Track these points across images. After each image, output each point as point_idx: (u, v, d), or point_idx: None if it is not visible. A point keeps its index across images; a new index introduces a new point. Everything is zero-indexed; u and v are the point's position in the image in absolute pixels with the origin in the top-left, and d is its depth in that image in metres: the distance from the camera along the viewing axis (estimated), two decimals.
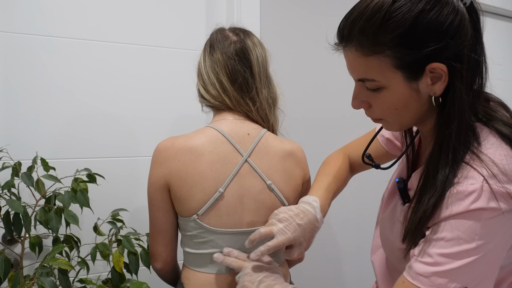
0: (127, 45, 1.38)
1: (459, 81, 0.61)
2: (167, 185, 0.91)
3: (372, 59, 0.63)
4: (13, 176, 1.04)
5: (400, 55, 0.61)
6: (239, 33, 0.98)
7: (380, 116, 0.71)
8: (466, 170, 0.62)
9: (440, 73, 0.62)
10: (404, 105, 0.66)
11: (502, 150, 0.63)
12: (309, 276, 1.67)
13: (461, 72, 0.61)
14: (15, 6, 1.23)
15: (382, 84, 0.65)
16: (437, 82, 0.63)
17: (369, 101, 0.70)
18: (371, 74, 0.65)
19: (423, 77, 0.63)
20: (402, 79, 0.63)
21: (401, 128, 0.74)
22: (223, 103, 0.96)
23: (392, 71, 0.63)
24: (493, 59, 0.81)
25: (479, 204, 0.59)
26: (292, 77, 1.61)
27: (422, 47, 0.60)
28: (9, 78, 1.23)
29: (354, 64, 0.67)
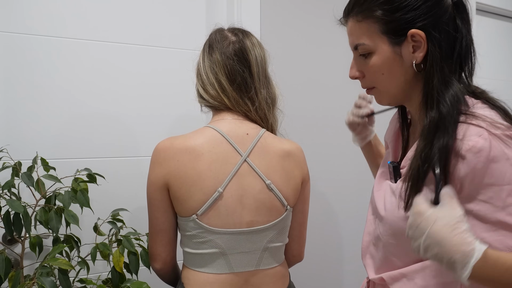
0: (127, 45, 1.38)
1: (435, 48, 0.72)
2: (166, 185, 0.91)
3: (363, 25, 0.76)
4: (13, 176, 1.04)
5: (385, 20, 0.73)
6: (238, 33, 0.98)
7: (371, 84, 0.81)
8: (463, 127, 0.68)
9: (420, 40, 0.72)
10: (389, 69, 0.76)
11: (492, 111, 0.70)
12: (309, 276, 1.68)
13: (439, 41, 0.72)
14: (14, 6, 1.23)
15: (371, 48, 0.76)
16: (417, 50, 0.73)
17: (363, 70, 0.80)
18: (362, 39, 0.76)
19: (405, 43, 0.73)
20: (387, 44, 0.74)
21: (390, 99, 0.81)
22: (222, 103, 0.96)
23: (379, 36, 0.75)
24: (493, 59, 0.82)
25: (495, 151, 0.64)
26: (292, 77, 1.61)
27: (403, 13, 0.72)
28: (9, 78, 1.23)
29: (351, 32, 0.79)
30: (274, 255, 0.97)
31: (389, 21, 0.73)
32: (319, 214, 1.67)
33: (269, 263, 0.95)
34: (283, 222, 0.97)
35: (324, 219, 1.70)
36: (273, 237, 0.95)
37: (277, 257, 0.98)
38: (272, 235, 0.95)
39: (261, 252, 0.94)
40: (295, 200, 0.99)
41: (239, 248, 0.92)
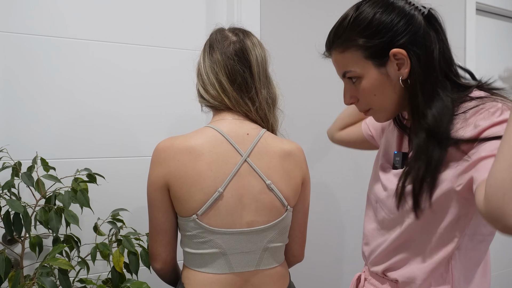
0: (127, 45, 1.38)
1: (417, 62, 0.77)
2: (166, 185, 0.91)
3: (347, 55, 0.81)
4: (13, 176, 1.04)
5: (366, 47, 0.78)
6: (239, 33, 0.98)
7: (366, 106, 0.85)
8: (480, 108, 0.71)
9: (402, 57, 0.77)
10: (380, 90, 0.81)
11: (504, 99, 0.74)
12: (309, 276, 1.68)
13: (418, 55, 0.77)
14: (14, 6, 1.23)
15: (359, 74, 0.81)
16: (401, 67, 0.78)
17: (355, 95, 0.85)
18: (349, 66, 0.82)
19: (389, 62, 0.78)
20: (373, 67, 0.79)
21: (387, 115, 0.85)
22: (222, 103, 0.96)
23: (364, 61, 0.80)
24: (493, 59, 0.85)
25: (505, 115, 0.69)
26: (292, 77, 1.61)
27: (381, 36, 0.77)
28: (9, 78, 1.23)
29: (337, 62, 0.85)
30: (274, 255, 0.97)
31: (370, 46, 0.78)
32: (319, 214, 1.67)
33: (269, 263, 0.95)
34: (283, 222, 0.97)
35: (324, 219, 1.70)
36: (273, 237, 0.95)
37: (277, 257, 0.98)
38: (272, 235, 0.95)
39: (261, 252, 0.94)
40: (295, 200, 0.99)
41: (239, 248, 0.92)
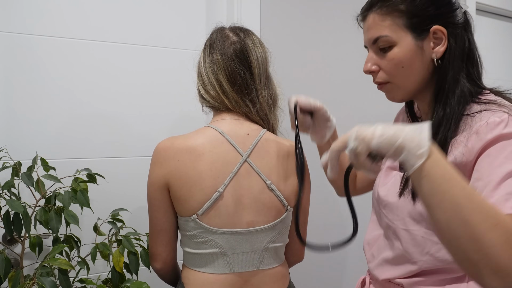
0: (127, 45, 1.38)
1: (454, 41, 0.77)
2: (166, 185, 0.91)
3: (388, 19, 0.78)
4: (13, 176, 1.04)
5: (410, 15, 0.76)
6: (239, 33, 0.97)
7: (386, 78, 0.81)
8: (487, 114, 0.70)
9: (441, 36, 0.76)
10: (409, 62, 0.78)
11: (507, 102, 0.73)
12: (309, 276, 1.68)
13: (456, 39, 0.77)
14: (14, 6, 1.23)
15: (394, 40, 0.77)
16: (437, 46, 0.77)
17: (379, 64, 0.81)
18: (385, 31, 0.78)
19: (427, 38, 0.77)
20: (411, 37, 0.77)
21: (404, 94, 0.82)
22: (222, 104, 0.95)
23: (403, 30, 0.77)
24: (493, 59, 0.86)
25: (510, 129, 0.66)
26: (292, 76, 1.61)
27: (428, 10, 0.76)
28: (9, 78, 1.23)
29: (372, 25, 0.80)
30: (275, 255, 0.97)
31: (415, 15, 0.76)
32: (319, 214, 1.67)
33: (269, 263, 0.95)
34: (284, 222, 0.97)
35: (325, 219, 1.70)
36: (273, 237, 0.95)
37: (277, 257, 0.98)
38: (273, 235, 0.95)
39: (262, 252, 0.94)
40: (295, 200, 0.99)
41: (240, 248, 0.92)
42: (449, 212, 0.57)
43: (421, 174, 0.59)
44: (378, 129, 0.61)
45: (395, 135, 0.59)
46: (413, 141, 0.59)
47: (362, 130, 0.62)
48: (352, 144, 0.63)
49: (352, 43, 1.65)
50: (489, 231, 0.55)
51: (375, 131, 0.61)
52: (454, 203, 0.57)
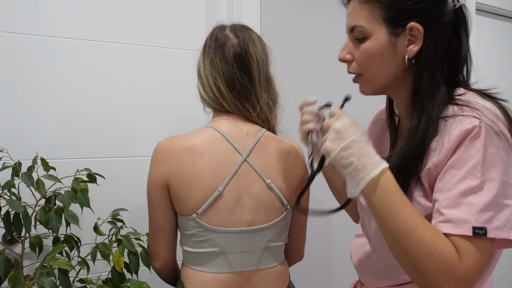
0: (127, 45, 1.38)
1: (431, 46, 0.72)
2: (166, 185, 0.91)
3: (366, 7, 0.74)
4: (13, 176, 1.04)
5: (389, 7, 0.72)
6: (239, 34, 0.96)
7: (358, 70, 0.79)
8: (457, 119, 0.68)
9: (417, 35, 0.72)
10: (381, 57, 0.75)
11: (486, 101, 0.71)
12: (309, 276, 1.68)
13: (435, 40, 0.72)
14: (13, 6, 1.23)
15: (368, 32, 0.74)
16: (412, 44, 0.73)
17: (353, 53, 0.78)
18: (361, 21, 0.75)
19: (402, 35, 0.73)
20: (385, 31, 0.73)
21: (375, 89, 0.80)
22: (221, 107, 0.95)
23: (378, 22, 0.74)
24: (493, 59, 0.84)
25: (476, 140, 0.65)
26: (292, 75, 1.61)
27: (408, 4, 0.71)
28: (9, 78, 1.23)
29: (352, 12, 0.77)
30: (274, 254, 0.97)
31: (393, 8, 0.72)
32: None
33: (269, 262, 0.95)
34: (283, 222, 0.97)
35: (324, 219, 1.70)
36: (273, 236, 0.95)
37: (277, 256, 0.98)
38: (272, 234, 0.95)
39: (261, 252, 0.94)
40: (295, 199, 0.99)
41: (239, 247, 0.92)
42: (391, 239, 0.67)
43: (367, 203, 0.69)
44: (336, 149, 0.70)
45: (349, 162, 0.69)
46: (355, 175, 0.69)
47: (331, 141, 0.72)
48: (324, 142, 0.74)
49: None
50: (424, 261, 0.64)
51: (337, 148, 0.70)
52: (394, 234, 0.66)
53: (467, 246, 0.63)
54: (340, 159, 0.70)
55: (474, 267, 0.63)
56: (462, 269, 0.62)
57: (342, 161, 0.70)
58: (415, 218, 0.65)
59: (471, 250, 0.63)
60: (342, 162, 0.70)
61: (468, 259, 0.63)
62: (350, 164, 0.69)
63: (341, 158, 0.70)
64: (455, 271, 0.62)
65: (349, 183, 0.71)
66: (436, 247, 0.63)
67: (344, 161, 0.69)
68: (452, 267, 0.62)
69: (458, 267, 0.62)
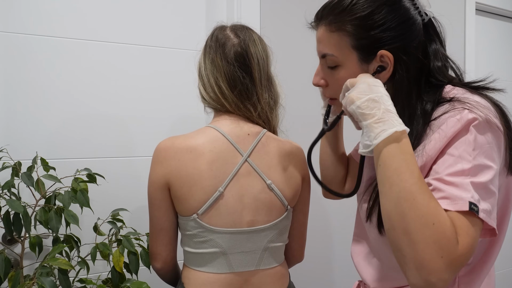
0: (127, 45, 1.38)
1: (403, 72, 0.72)
2: (167, 185, 0.91)
3: (335, 36, 0.74)
4: (13, 176, 1.04)
5: (358, 36, 0.72)
6: (240, 34, 0.96)
7: (333, 95, 0.80)
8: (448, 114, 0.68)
9: (387, 61, 0.72)
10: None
11: (475, 96, 0.71)
12: (309, 276, 1.68)
13: (407, 65, 0.72)
14: (14, 6, 1.23)
15: (340, 61, 0.75)
16: (382, 71, 0.73)
17: (327, 79, 0.79)
18: (332, 49, 0.75)
19: (373, 62, 0.73)
20: (356, 60, 0.74)
21: None
22: (223, 107, 0.95)
23: (349, 50, 0.74)
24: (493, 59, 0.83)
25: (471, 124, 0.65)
26: (292, 76, 1.61)
27: (377, 32, 0.72)
28: (9, 78, 1.23)
29: (321, 39, 0.77)
30: (275, 255, 0.97)
31: (362, 37, 0.72)
32: (319, 214, 1.67)
33: (269, 263, 0.95)
34: (284, 222, 0.97)
35: (325, 219, 1.70)
36: (273, 237, 0.95)
37: (277, 257, 0.98)
38: (273, 235, 0.95)
39: (262, 252, 0.94)
40: (295, 200, 0.99)
41: (240, 248, 0.92)
42: (393, 202, 0.62)
43: (377, 162, 0.65)
44: (362, 98, 0.67)
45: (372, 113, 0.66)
46: (376, 127, 0.65)
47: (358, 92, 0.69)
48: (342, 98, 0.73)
49: None
50: (424, 229, 0.59)
51: (358, 98, 0.68)
52: (399, 196, 0.61)
53: (463, 224, 0.60)
54: (364, 108, 0.66)
55: (468, 248, 0.60)
56: (459, 248, 0.59)
57: (365, 111, 0.66)
58: (424, 184, 0.62)
59: (467, 230, 0.60)
60: (365, 112, 0.66)
61: (464, 239, 0.60)
62: (372, 115, 0.66)
63: (366, 107, 0.66)
64: (452, 248, 0.58)
65: (366, 135, 0.67)
66: (439, 217, 0.59)
67: (368, 111, 0.66)
68: (450, 243, 0.59)
69: (455, 245, 0.59)
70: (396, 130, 0.64)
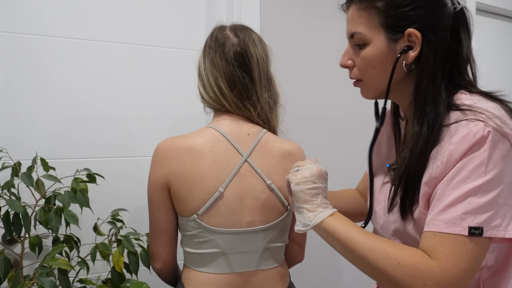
0: (127, 45, 1.38)
1: (430, 52, 0.72)
2: (167, 185, 0.91)
3: (364, 14, 0.75)
4: (13, 176, 1.04)
5: (386, 14, 0.73)
6: (239, 34, 0.96)
7: (359, 76, 0.81)
8: (463, 125, 0.68)
9: (415, 41, 0.73)
10: (380, 64, 0.76)
11: (489, 102, 0.71)
12: (309, 277, 1.67)
13: (434, 45, 0.72)
14: (15, 6, 1.23)
15: (367, 39, 0.76)
16: (409, 51, 0.74)
17: (354, 60, 0.80)
18: (360, 28, 0.76)
19: (401, 40, 0.74)
20: (384, 38, 0.75)
21: (376, 94, 0.81)
22: (222, 106, 0.95)
23: (377, 28, 0.75)
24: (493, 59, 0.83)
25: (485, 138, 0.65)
26: (292, 76, 1.61)
27: (406, 10, 0.72)
28: (9, 78, 1.23)
29: (351, 19, 0.78)
30: (275, 255, 0.97)
31: (391, 15, 0.73)
32: None
33: (269, 263, 0.95)
34: (284, 222, 0.97)
35: None
36: (273, 237, 0.95)
37: (277, 257, 0.98)
38: (273, 235, 0.95)
39: (262, 252, 0.94)
40: None
41: (240, 248, 0.91)
42: (360, 264, 0.71)
43: (325, 238, 0.76)
44: (305, 183, 0.78)
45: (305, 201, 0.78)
46: (310, 213, 0.77)
47: (297, 173, 0.80)
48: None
49: None
50: (395, 271, 0.66)
51: (300, 181, 0.78)
52: (361, 258, 0.70)
53: (453, 246, 0.64)
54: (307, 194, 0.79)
55: (456, 267, 0.63)
56: (436, 269, 0.63)
57: (307, 196, 0.79)
58: (372, 238, 0.70)
59: (458, 249, 0.63)
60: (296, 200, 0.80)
61: (444, 259, 0.63)
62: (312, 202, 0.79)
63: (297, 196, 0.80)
64: (427, 273, 0.64)
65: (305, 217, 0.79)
66: (400, 256, 0.66)
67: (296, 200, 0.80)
68: (422, 270, 0.64)
69: (430, 268, 0.64)
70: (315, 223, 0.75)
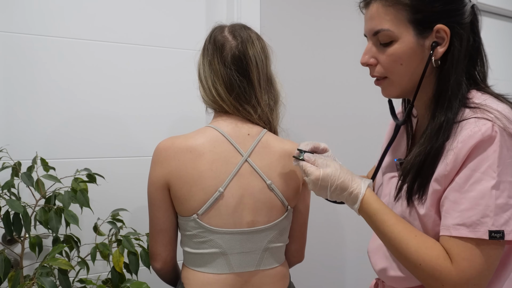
0: (127, 45, 1.38)
1: (459, 46, 0.73)
2: (167, 185, 0.91)
3: (392, 11, 0.74)
4: (13, 176, 1.04)
5: (415, 10, 0.72)
6: (238, 36, 0.95)
7: (384, 73, 0.79)
8: (472, 122, 0.68)
9: (443, 36, 0.73)
10: (409, 60, 0.75)
11: (500, 103, 0.71)
12: (310, 277, 1.67)
13: (461, 40, 0.73)
14: (15, 6, 1.23)
15: (395, 35, 0.74)
16: (438, 46, 0.73)
17: (378, 57, 0.78)
18: (387, 24, 0.74)
19: (430, 36, 0.73)
20: (413, 34, 0.74)
21: (400, 91, 0.80)
22: (221, 108, 0.95)
23: (405, 25, 0.73)
24: (493, 59, 0.83)
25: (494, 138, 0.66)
26: (293, 76, 1.61)
27: (434, 6, 0.72)
28: (9, 78, 1.23)
29: (374, 15, 0.76)
30: (275, 255, 0.97)
31: (419, 11, 0.72)
32: (319, 214, 1.67)
33: (269, 263, 0.95)
34: (284, 222, 0.97)
35: (325, 220, 1.70)
36: (273, 237, 0.95)
37: (277, 257, 0.97)
38: (273, 235, 0.95)
39: (262, 252, 0.94)
40: (295, 200, 0.99)
41: (240, 248, 0.91)
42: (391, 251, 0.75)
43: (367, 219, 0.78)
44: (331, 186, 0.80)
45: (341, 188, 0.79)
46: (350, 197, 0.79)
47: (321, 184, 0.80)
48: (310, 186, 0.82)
49: (353, 41, 1.65)
50: (416, 270, 0.70)
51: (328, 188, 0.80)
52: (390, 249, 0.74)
53: (470, 249, 0.65)
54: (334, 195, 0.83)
55: (473, 269, 0.64)
56: (454, 272, 0.65)
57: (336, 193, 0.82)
58: (398, 233, 0.72)
59: (477, 252, 0.65)
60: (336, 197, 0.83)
61: (461, 262, 0.65)
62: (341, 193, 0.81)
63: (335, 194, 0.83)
64: (446, 276, 0.66)
65: None
66: (422, 257, 0.68)
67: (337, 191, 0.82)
68: (442, 273, 0.66)
69: (449, 271, 0.66)
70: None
